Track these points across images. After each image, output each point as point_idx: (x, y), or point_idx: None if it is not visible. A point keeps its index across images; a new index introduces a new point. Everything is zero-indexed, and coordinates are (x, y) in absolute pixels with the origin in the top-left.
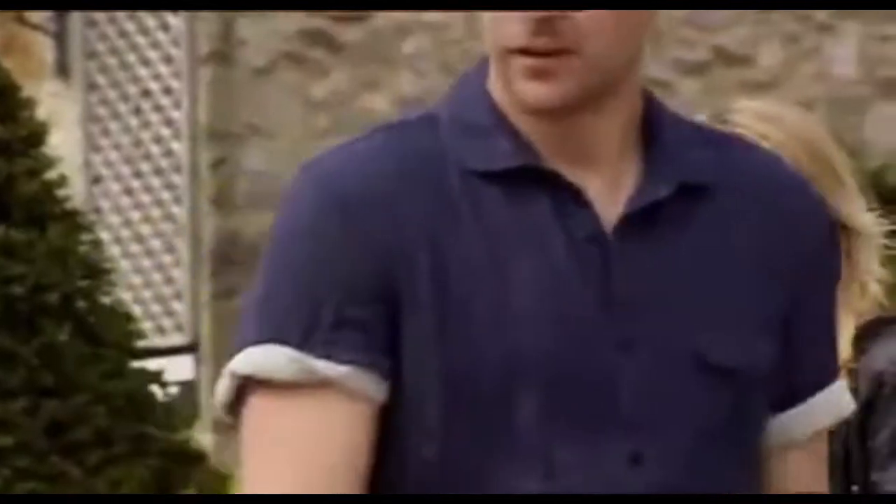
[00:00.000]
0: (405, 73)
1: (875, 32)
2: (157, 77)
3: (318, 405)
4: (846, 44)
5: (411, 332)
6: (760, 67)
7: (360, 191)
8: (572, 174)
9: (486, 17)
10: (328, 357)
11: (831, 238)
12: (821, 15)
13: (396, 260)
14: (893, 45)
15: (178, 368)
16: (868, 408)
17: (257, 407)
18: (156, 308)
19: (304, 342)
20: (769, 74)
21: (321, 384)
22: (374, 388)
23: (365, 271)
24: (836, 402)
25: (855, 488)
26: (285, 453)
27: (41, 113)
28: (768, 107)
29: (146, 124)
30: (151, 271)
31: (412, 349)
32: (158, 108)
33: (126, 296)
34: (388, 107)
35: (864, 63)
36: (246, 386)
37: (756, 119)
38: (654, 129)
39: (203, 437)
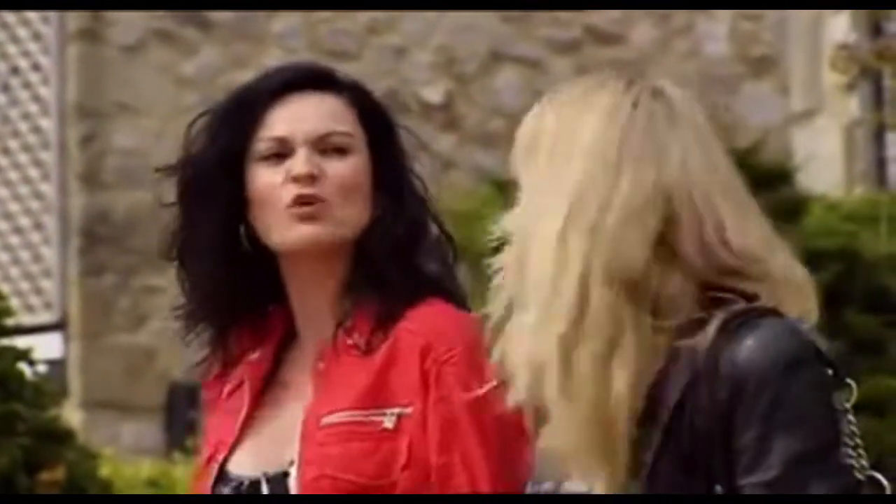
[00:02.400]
0: (274, 50)
1: (747, 10)
2: (25, 54)
3: None
4: (718, 21)
5: None
6: (633, 45)
7: None
8: None
9: None
10: None
11: None
12: None
13: None
14: (765, 22)
15: (46, 346)
16: (731, 405)
17: None
18: (24, 286)
19: None
20: (641, 52)
21: None
22: None
23: None
24: None
25: (718, 488)
26: None
27: None
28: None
29: (14, 101)
30: (20, 249)
31: None
32: (27, 85)
33: None
34: None
35: (736, 41)
36: None
37: None
38: None
39: (72, 415)
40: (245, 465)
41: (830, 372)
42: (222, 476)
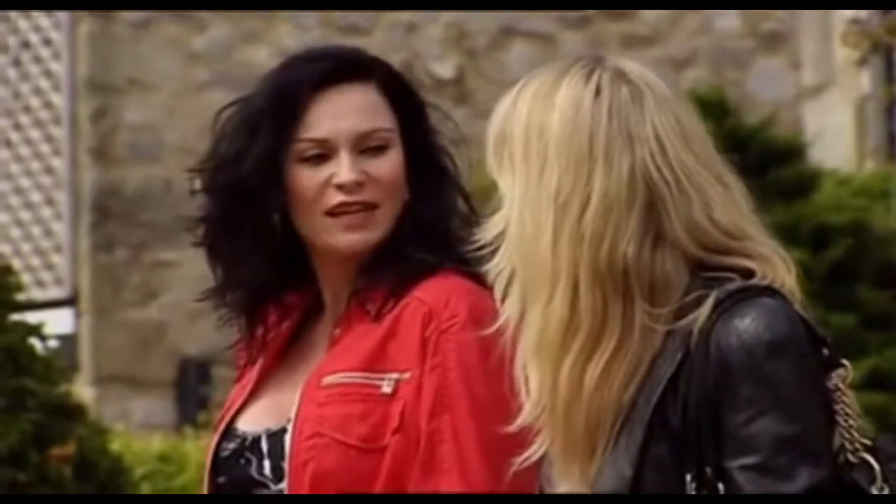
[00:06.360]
0: (285, 25)
1: None
2: (36, 29)
3: None
4: None
5: None
6: (643, 20)
7: None
8: None
9: None
10: None
11: None
12: None
13: None
14: None
15: (57, 321)
16: (718, 389)
17: None
18: (35, 261)
19: None
20: (652, 28)
21: None
22: None
23: None
24: None
25: (708, 471)
26: None
27: None
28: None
29: (26, 76)
30: (31, 224)
31: None
32: (38, 60)
33: (5, 248)
34: (268, 60)
35: (748, 16)
36: None
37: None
38: None
39: (82, 390)
40: (251, 421)
41: (825, 352)
42: (228, 432)
